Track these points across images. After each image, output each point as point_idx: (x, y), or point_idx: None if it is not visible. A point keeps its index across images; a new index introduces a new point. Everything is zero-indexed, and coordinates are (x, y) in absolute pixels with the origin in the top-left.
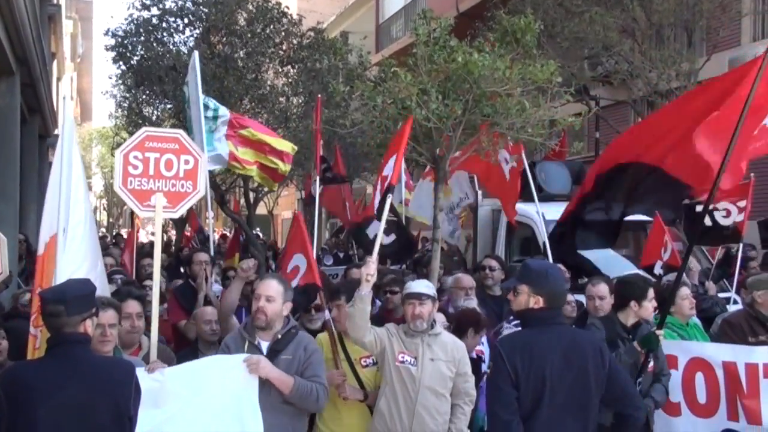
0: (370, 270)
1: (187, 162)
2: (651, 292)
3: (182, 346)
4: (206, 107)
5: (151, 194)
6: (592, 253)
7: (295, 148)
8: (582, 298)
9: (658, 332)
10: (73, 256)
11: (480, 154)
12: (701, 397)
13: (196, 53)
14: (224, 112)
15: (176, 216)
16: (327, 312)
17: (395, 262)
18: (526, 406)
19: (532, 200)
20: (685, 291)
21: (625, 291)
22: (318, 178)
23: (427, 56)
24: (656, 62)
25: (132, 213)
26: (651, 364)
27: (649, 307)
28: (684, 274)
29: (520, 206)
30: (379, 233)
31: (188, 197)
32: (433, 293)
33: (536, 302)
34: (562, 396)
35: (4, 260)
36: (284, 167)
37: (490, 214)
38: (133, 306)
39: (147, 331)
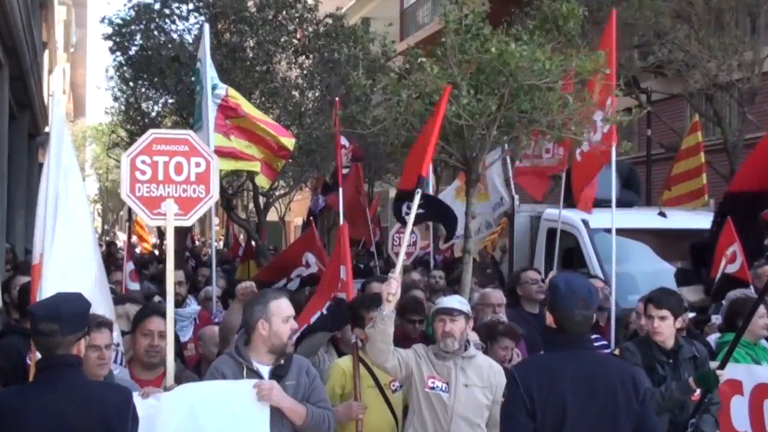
0: (391, 289)
1: (198, 165)
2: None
3: None
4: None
5: (161, 201)
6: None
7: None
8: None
9: (719, 372)
10: (62, 269)
11: (517, 154)
12: None
13: (206, 26)
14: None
15: (189, 224)
16: (353, 335)
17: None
18: None
19: (574, 206)
20: (761, 309)
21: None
22: (341, 189)
23: (457, 45)
24: (715, 51)
25: (129, 220)
26: (697, 392)
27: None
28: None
29: (563, 213)
30: (405, 237)
31: (201, 203)
32: (467, 309)
33: (550, 321)
34: (585, 429)
35: None
36: (280, 163)
37: (529, 221)
38: (156, 323)
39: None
